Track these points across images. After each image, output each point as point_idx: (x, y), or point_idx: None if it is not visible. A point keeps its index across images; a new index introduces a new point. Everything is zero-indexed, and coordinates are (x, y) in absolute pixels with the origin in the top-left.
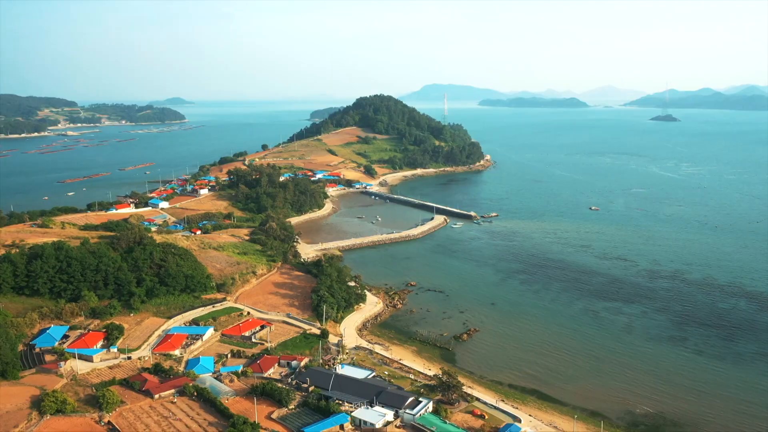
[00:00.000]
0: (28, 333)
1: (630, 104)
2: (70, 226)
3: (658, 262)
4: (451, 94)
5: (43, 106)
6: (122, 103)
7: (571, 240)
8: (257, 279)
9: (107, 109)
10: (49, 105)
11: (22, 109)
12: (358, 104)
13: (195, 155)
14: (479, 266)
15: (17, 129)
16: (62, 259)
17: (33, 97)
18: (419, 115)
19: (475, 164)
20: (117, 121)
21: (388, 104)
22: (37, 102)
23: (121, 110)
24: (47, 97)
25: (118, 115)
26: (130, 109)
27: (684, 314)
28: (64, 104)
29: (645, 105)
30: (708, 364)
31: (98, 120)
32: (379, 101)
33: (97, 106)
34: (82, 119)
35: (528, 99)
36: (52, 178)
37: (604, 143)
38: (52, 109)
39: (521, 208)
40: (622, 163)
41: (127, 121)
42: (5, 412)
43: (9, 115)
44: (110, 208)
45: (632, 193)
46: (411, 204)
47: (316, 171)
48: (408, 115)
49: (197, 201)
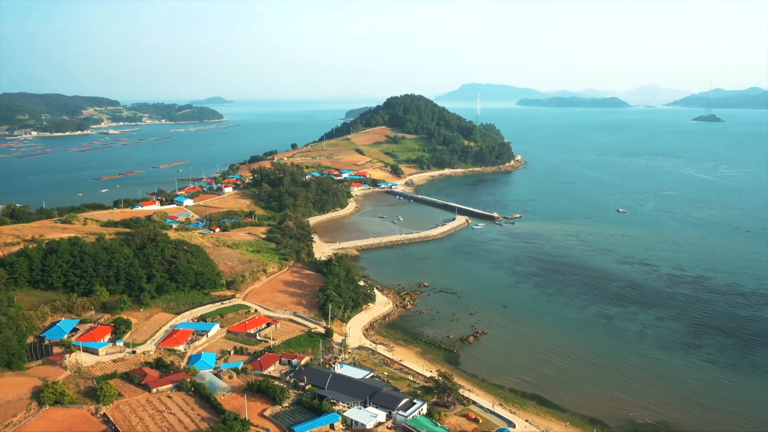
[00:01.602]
0: (39, 325)
1: (673, 104)
2: (92, 222)
3: (682, 267)
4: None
5: (87, 105)
6: (163, 103)
7: (593, 243)
8: (267, 277)
9: (148, 108)
10: (94, 104)
11: (68, 108)
12: (389, 104)
13: (228, 154)
14: (495, 268)
15: (62, 127)
16: (76, 254)
17: (78, 97)
18: (449, 115)
19: (505, 165)
20: (157, 120)
21: (418, 104)
22: (81, 101)
23: (162, 109)
24: (92, 97)
25: (159, 114)
26: (170, 109)
27: (701, 322)
28: (107, 103)
29: (689, 105)
30: (719, 375)
31: (139, 119)
32: (409, 101)
33: (138, 106)
34: (124, 118)
35: (567, 99)
36: (89, 175)
37: (640, 144)
38: (96, 108)
39: (546, 210)
40: (657, 164)
41: (167, 120)
42: (6, 401)
43: (55, 114)
44: (136, 205)
45: (664, 196)
46: (434, 204)
47: (342, 170)
48: (438, 114)
49: (221, 199)
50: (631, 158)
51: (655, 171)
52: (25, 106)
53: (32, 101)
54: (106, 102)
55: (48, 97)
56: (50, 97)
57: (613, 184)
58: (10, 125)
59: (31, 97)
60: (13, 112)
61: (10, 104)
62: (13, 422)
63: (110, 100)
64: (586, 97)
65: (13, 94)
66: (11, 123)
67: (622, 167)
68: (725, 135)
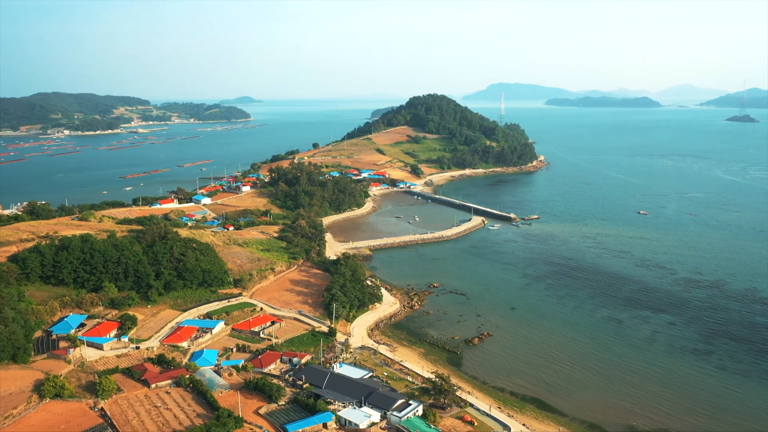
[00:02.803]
0: (48, 320)
1: (707, 104)
2: (108, 219)
3: (699, 271)
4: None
5: (119, 105)
6: (192, 102)
7: (609, 245)
8: (275, 275)
9: (178, 107)
10: (125, 104)
11: (100, 108)
12: (411, 103)
13: (252, 153)
14: (507, 269)
15: (93, 126)
16: (87, 251)
17: (110, 96)
18: (471, 115)
19: (527, 165)
20: (186, 119)
21: (441, 103)
22: (113, 101)
23: (191, 109)
24: (123, 96)
25: (188, 113)
26: (199, 108)
27: (714, 328)
28: (138, 103)
29: (723, 105)
30: (729, 381)
31: (168, 118)
32: (432, 100)
33: (168, 105)
34: (153, 117)
35: (597, 98)
36: (115, 173)
37: (668, 145)
38: (127, 108)
39: (565, 211)
40: (685, 165)
41: (196, 119)
42: (8, 393)
43: (88, 113)
44: (154, 203)
45: (688, 198)
46: (452, 204)
47: (362, 170)
48: (460, 114)
49: (238, 198)
50: (657, 159)
51: (682, 172)
52: (58, 106)
53: (66, 101)
54: (137, 101)
55: (81, 97)
56: (83, 96)
57: (636, 185)
58: (44, 124)
59: (65, 96)
60: (47, 112)
61: (45, 104)
62: (13, 414)
63: (141, 100)
64: (616, 97)
65: (48, 93)
66: (45, 122)
67: (647, 168)
68: (758, 136)
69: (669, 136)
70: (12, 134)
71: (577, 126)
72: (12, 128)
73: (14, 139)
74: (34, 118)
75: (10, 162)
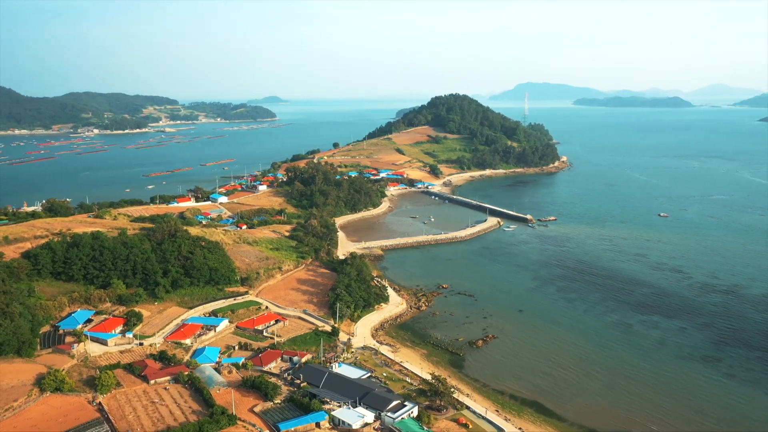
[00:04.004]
0: (56, 315)
1: (740, 104)
2: (123, 217)
3: (716, 275)
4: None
5: (147, 104)
6: (219, 102)
7: (626, 248)
8: (282, 274)
9: (205, 107)
10: (154, 103)
11: (129, 107)
12: (432, 103)
13: (274, 152)
14: (518, 271)
15: (122, 125)
16: (97, 248)
17: (139, 96)
18: (493, 115)
19: (549, 166)
20: (213, 118)
21: (462, 103)
22: (142, 100)
23: (218, 108)
24: (152, 96)
25: (215, 113)
26: (226, 107)
27: (727, 333)
28: (166, 102)
29: (758, 105)
30: (737, 389)
31: (196, 117)
32: (453, 100)
33: (196, 105)
34: (181, 117)
35: (626, 98)
36: (139, 171)
37: (696, 146)
38: (155, 107)
39: (584, 213)
40: (711, 167)
41: (222, 118)
42: (10, 386)
43: (117, 113)
44: (171, 201)
45: (712, 200)
46: (468, 205)
47: (381, 170)
48: (481, 114)
49: (254, 197)
50: (683, 161)
51: (707, 174)
52: (89, 105)
53: (96, 100)
54: (166, 101)
55: (111, 96)
56: (113, 96)
57: (659, 187)
58: (74, 123)
59: (96, 96)
60: (78, 111)
61: (76, 103)
62: (13, 406)
63: (169, 99)
64: (646, 97)
65: (79, 93)
66: (76, 121)
67: (672, 170)
68: None
69: (697, 136)
70: (44, 133)
71: (603, 126)
72: (44, 127)
73: (46, 137)
74: (65, 117)
75: (40, 160)
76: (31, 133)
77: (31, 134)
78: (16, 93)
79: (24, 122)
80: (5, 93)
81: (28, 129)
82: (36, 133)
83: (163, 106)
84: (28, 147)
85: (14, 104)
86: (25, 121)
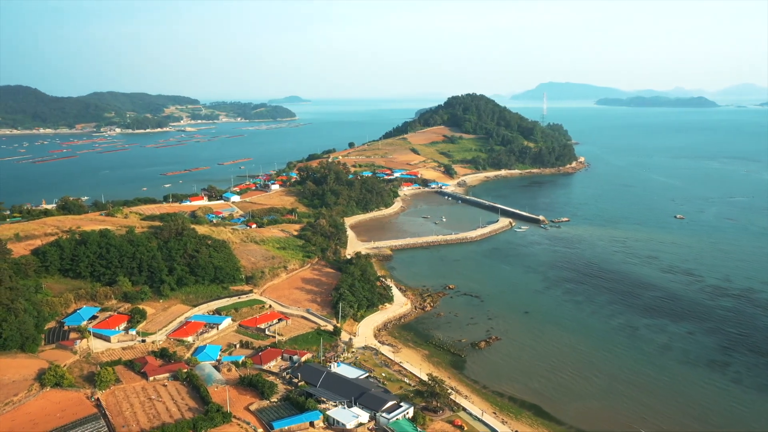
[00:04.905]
0: (62, 312)
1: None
2: (134, 215)
3: (729, 278)
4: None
5: (169, 104)
6: (239, 101)
7: (638, 250)
8: (287, 273)
9: (226, 106)
10: (175, 102)
11: (151, 107)
12: (449, 103)
13: (291, 152)
14: (527, 272)
15: (143, 125)
16: (104, 245)
17: (162, 95)
18: (510, 115)
19: (565, 166)
20: (233, 118)
21: (479, 103)
22: (164, 100)
23: (238, 108)
24: (174, 95)
25: (235, 112)
26: (246, 107)
27: (736, 338)
28: (188, 102)
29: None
30: (742, 395)
31: (216, 117)
32: (470, 100)
33: (216, 104)
34: (202, 116)
35: (649, 98)
36: (157, 170)
37: (718, 146)
38: (177, 107)
39: (598, 214)
40: (732, 168)
41: (242, 118)
42: (12, 381)
43: (140, 112)
44: (184, 200)
45: (731, 202)
46: (481, 205)
47: (395, 170)
48: (498, 114)
49: (267, 196)
50: (704, 161)
51: (728, 175)
52: (112, 105)
53: (119, 100)
54: (187, 101)
55: (134, 96)
56: (136, 96)
57: (677, 188)
58: (98, 122)
59: (119, 95)
60: (101, 110)
61: (99, 103)
62: (13, 401)
63: (191, 99)
64: (670, 97)
65: (103, 93)
66: (99, 120)
67: (691, 171)
68: None
69: (720, 137)
70: (68, 132)
71: (623, 126)
72: (68, 126)
73: (69, 136)
74: (89, 116)
75: (62, 159)
76: (55, 132)
77: (55, 133)
78: (42, 93)
79: (49, 121)
80: (31, 93)
81: (53, 128)
82: (60, 132)
83: (184, 106)
84: (52, 146)
85: (40, 104)
86: (49, 120)
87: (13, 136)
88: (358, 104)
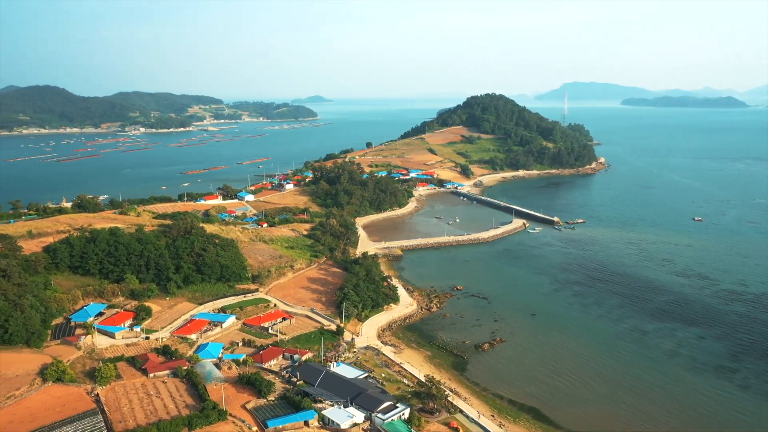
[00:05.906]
0: (69, 308)
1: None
2: (147, 214)
3: (745, 282)
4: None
5: (193, 104)
6: (262, 101)
7: (653, 253)
8: (294, 273)
9: (248, 106)
10: (199, 102)
11: (175, 106)
12: (468, 103)
13: (310, 151)
14: (537, 274)
15: (167, 124)
16: (112, 243)
17: (186, 95)
18: (529, 115)
19: (585, 167)
20: (256, 117)
21: (497, 103)
22: (188, 100)
23: (261, 107)
24: (198, 95)
25: (258, 112)
26: (268, 107)
27: (747, 344)
28: (211, 102)
29: None
30: (749, 402)
31: (239, 117)
32: (489, 100)
33: (239, 104)
34: (225, 116)
35: (676, 98)
36: (177, 169)
37: (743, 147)
38: (200, 106)
39: (614, 216)
40: (757, 170)
41: (265, 117)
42: (15, 375)
43: (164, 112)
44: (199, 199)
45: (753, 204)
46: (496, 206)
47: (411, 170)
48: (517, 114)
49: (280, 195)
50: (728, 162)
51: (752, 177)
52: (137, 104)
53: (144, 99)
54: (211, 101)
55: (158, 96)
56: (160, 95)
57: (698, 190)
58: (122, 122)
59: (144, 95)
60: (126, 110)
61: (124, 102)
62: (15, 395)
63: (214, 99)
64: (698, 97)
65: (128, 93)
66: (124, 120)
67: (714, 172)
68: None
69: (746, 138)
70: (93, 131)
71: (648, 127)
72: (94, 125)
73: (94, 136)
74: (114, 116)
75: (86, 157)
76: (81, 132)
77: (81, 132)
78: (69, 93)
79: (75, 121)
80: (59, 93)
81: (79, 127)
82: (86, 132)
83: (207, 106)
84: (77, 145)
85: (67, 103)
86: (76, 119)
87: (40, 135)
88: (379, 104)
